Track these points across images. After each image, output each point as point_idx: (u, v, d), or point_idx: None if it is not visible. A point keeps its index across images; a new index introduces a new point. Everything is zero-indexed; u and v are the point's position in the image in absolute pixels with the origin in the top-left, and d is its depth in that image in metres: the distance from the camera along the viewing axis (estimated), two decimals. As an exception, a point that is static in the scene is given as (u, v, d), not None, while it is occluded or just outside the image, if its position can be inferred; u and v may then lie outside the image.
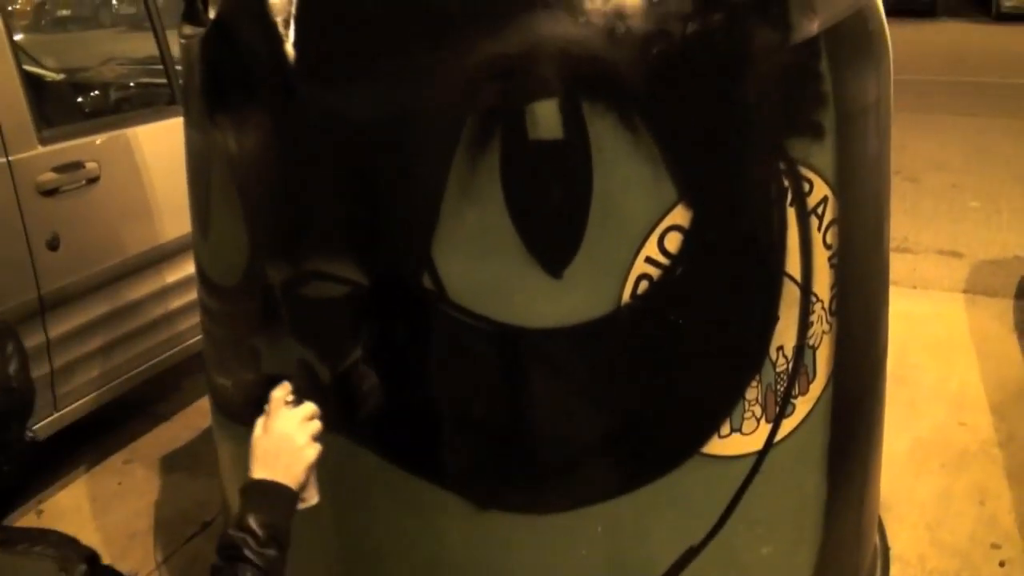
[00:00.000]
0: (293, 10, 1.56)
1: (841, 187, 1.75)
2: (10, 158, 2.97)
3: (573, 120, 1.47)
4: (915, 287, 4.87)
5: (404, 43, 1.50)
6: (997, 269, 5.08)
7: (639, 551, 1.70)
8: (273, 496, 1.45)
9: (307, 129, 1.59)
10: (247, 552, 1.35)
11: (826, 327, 1.79)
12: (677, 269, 1.57)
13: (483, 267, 1.54)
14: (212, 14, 1.84)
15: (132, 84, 4.11)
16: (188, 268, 3.53)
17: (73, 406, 3.29)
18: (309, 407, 1.58)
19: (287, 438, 1.52)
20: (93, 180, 3.23)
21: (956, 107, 9.04)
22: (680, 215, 1.55)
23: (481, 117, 1.48)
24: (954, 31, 14.54)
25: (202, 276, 2.07)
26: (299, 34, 1.56)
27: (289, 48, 1.56)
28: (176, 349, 3.73)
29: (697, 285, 1.60)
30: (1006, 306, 4.58)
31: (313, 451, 1.53)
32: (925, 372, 3.93)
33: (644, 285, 1.56)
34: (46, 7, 7.28)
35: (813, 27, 1.65)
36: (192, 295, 3.54)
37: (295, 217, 1.66)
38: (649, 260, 1.55)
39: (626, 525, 1.68)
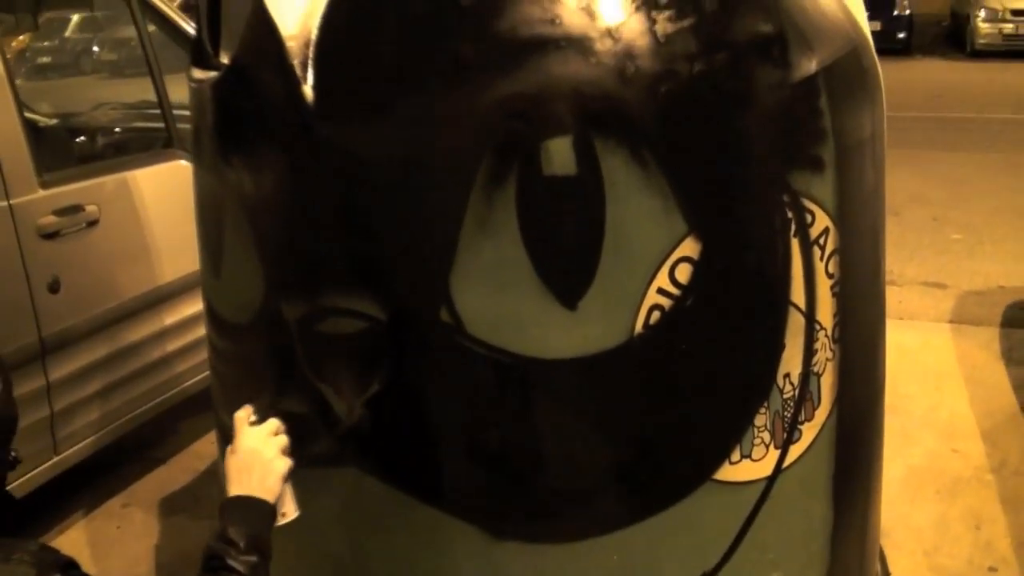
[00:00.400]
0: (311, 53, 1.61)
1: (841, 218, 1.80)
2: (11, 201, 2.99)
3: (586, 156, 1.52)
4: (902, 318, 4.95)
5: (421, 84, 1.55)
6: (981, 299, 5.17)
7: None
8: (251, 509, 1.50)
9: (325, 168, 1.63)
10: (230, 561, 1.40)
11: (829, 354, 1.83)
12: (688, 299, 1.61)
13: (500, 300, 1.58)
14: (225, 58, 1.89)
15: (127, 128, 4.15)
16: (186, 310, 3.56)
17: (73, 449, 3.29)
18: (273, 423, 1.62)
19: (255, 453, 1.57)
20: (93, 223, 3.25)
21: (935, 142, 9.22)
22: (690, 247, 1.60)
23: (498, 154, 1.52)
24: (930, 68, 14.84)
25: (212, 315, 2.09)
26: (317, 76, 1.61)
27: (307, 90, 1.61)
28: (174, 391, 3.73)
29: (707, 314, 1.65)
30: (992, 334, 4.66)
31: (283, 463, 1.57)
32: (916, 401, 3.99)
33: (656, 315, 1.60)
34: (27, 55, 7.34)
35: (812, 65, 1.71)
36: (190, 336, 3.56)
37: (312, 254, 1.70)
38: (661, 291, 1.60)
39: (642, 552, 1.71)
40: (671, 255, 1.59)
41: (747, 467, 1.74)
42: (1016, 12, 15.27)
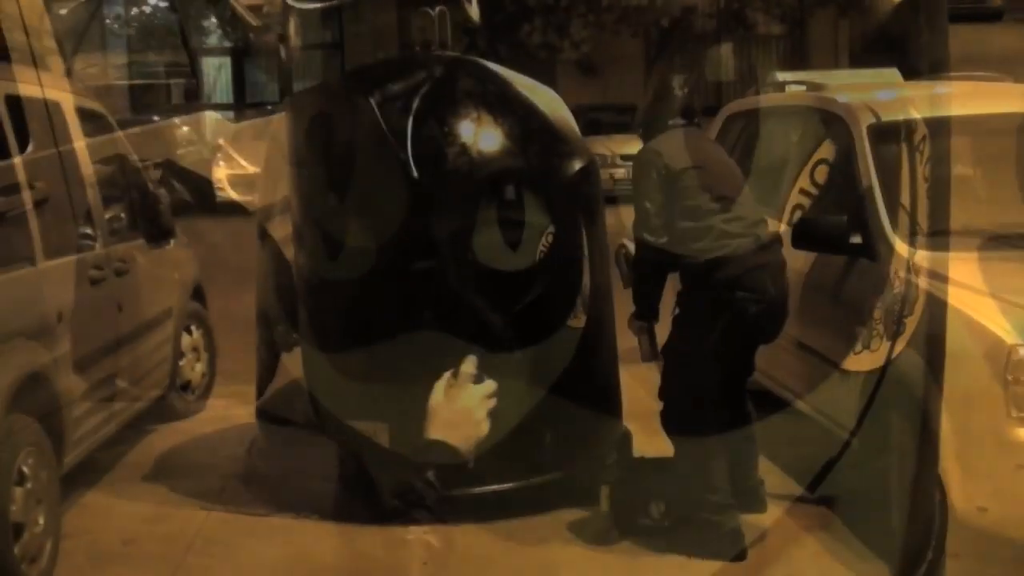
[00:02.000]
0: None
1: (932, 130, 1.97)
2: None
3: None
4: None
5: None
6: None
7: (801, 458, 1.87)
8: (451, 457, 1.57)
9: (484, 89, 1.72)
10: (428, 501, 1.47)
11: (925, 253, 2.00)
12: (824, 199, 1.76)
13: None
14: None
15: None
16: None
17: None
18: (491, 385, 1.68)
19: (468, 412, 1.63)
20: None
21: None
22: (826, 150, 1.74)
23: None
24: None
25: (323, 243, 2.15)
26: None
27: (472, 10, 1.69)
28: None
29: (837, 213, 1.80)
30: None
31: (486, 427, 1.64)
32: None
33: (798, 214, 1.75)
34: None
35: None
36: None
37: (468, 172, 1.78)
38: (802, 191, 1.74)
39: (787, 436, 1.85)
40: (812, 158, 1.73)
41: (867, 358, 1.90)
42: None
